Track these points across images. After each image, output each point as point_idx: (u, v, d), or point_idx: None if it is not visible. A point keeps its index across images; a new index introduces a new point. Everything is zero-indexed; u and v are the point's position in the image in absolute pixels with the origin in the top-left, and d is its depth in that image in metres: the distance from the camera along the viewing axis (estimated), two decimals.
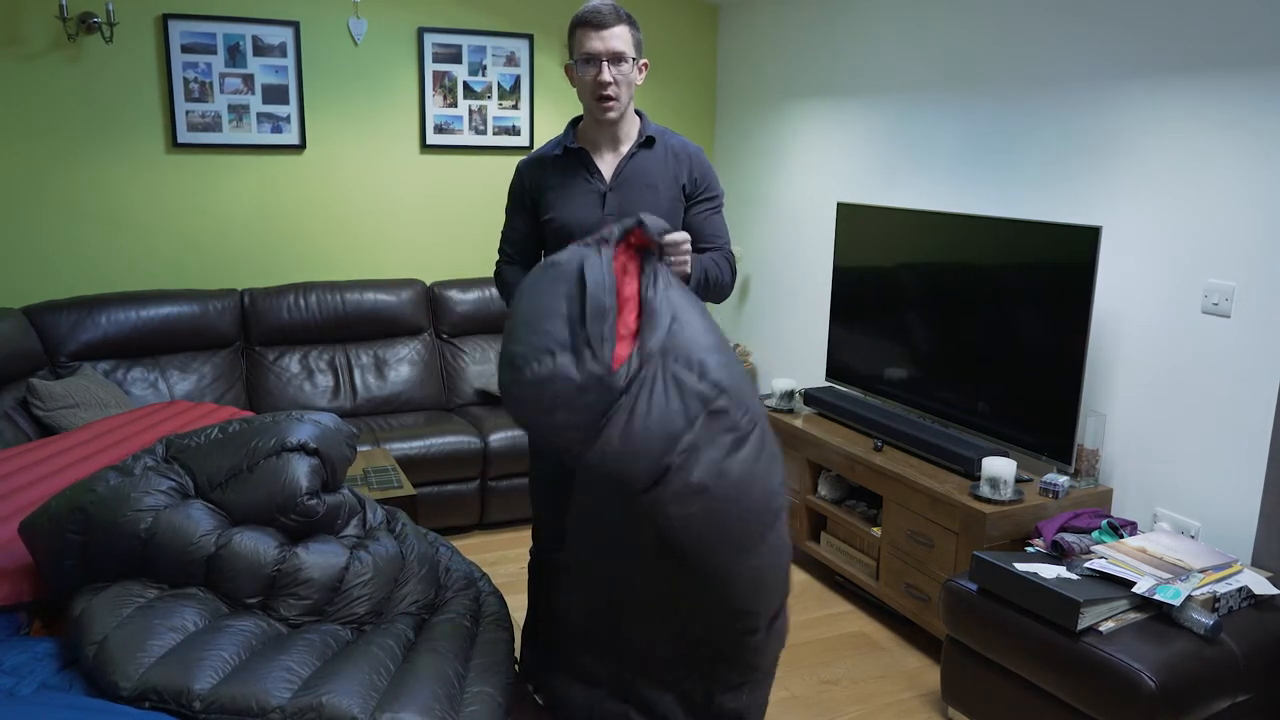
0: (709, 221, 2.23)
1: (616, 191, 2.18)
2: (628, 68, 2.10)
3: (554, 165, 2.23)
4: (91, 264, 3.94)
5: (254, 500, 2.03)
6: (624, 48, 2.08)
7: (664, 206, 2.16)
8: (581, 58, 2.09)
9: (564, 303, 1.73)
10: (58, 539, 1.93)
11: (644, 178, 2.17)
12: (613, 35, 2.06)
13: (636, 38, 2.12)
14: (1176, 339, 2.76)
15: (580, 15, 2.08)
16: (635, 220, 1.84)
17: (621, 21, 2.08)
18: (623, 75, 2.09)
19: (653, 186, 2.16)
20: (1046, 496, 2.81)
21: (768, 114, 4.58)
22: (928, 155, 3.62)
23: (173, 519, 1.95)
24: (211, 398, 3.84)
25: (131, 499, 1.95)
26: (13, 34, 3.67)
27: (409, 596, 2.12)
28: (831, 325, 3.78)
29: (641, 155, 2.19)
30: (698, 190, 2.20)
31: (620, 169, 2.19)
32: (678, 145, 2.23)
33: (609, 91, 2.09)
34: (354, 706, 1.68)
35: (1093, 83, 2.96)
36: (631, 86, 2.13)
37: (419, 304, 4.31)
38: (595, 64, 2.08)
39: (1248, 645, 2.21)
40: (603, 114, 2.13)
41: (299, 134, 4.17)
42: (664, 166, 2.18)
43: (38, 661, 1.81)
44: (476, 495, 3.84)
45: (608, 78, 2.07)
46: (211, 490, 2.06)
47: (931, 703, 2.74)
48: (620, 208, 2.15)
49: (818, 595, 3.41)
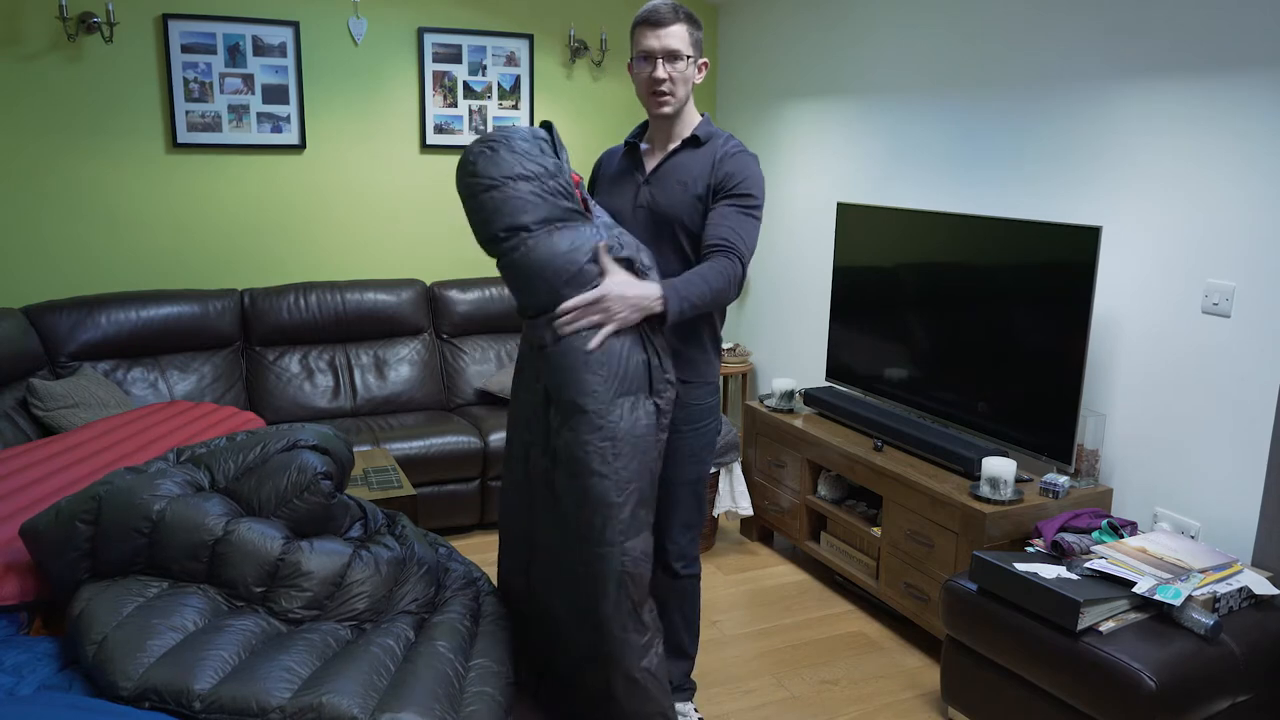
0: (718, 214, 2.14)
1: (650, 184, 2.22)
2: (684, 65, 2.14)
3: (619, 158, 2.34)
4: (92, 264, 3.94)
5: (266, 491, 2.10)
6: (680, 46, 2.12)
7: (688, 203, 2.17)
8: (639, 55, 2.16)
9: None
10: (66, 528, 1.96)
11: (679, 174, 2.19)
12: (669, 34, 2.11)
13: (695, 36, 2.15)
14: (1176, 339, 2.76)
15: (640, 14, 2.15)
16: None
17: (679, 20, 2.12)
18: (678, 73, 2.14)
19: (684, 183, 2.18)
20: (1046, 496, 2.81)
21: (768, 114, 4.58)
22: (928, 155, 3.62)
23: (185, 505, 2.01)
24: (211, 398, 3.84)
25: (148, 486, 2.02)
26: (13, 34, 3.67)
27: (409, 595, 2.13)
28: (831, 325, 3.78)
29: (685, 153, 2.21)
30: (723, 187, 2.16)
31: (660, 164, 2.23)
32: (727, 147, 2.20)
33: (663, 88, 2.14)
34: (354, 706, 1.68)
35: (1093, 83, 2.96)
36: (688, 84, 2.17)
37: (419, 304, 4.31)
38: (651, 61, 2.14)
39: (1248, 645, 2.21)
40: (657, 108, 2.18)
41: (299, 134, 4.17)
42: (702, 165, 2.18)
43: (38, 661, 1.82)
44: (476, 495, 3.84)
45: (661, 74, 2.13)
46: (225, 484, 2.15)
47: (931, 703, 2.74)
48: (651, 199, 2.20)
49: (818, 595, 3.41)
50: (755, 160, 2.20)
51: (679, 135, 2.23)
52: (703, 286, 2.06)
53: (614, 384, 1.96)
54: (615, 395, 1.96)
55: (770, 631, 3.13)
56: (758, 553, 3.77)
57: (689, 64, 2.15)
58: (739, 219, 2.13)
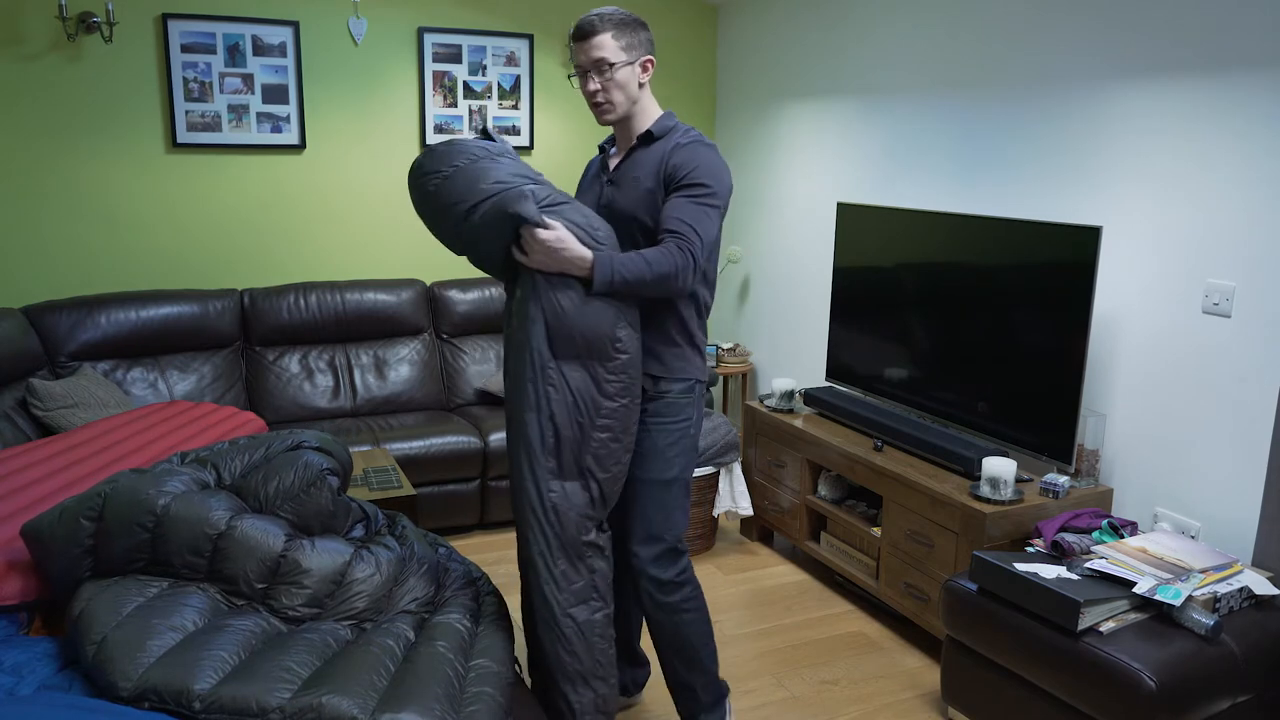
0: (670, 205, 2.11)
1: (612, 184, 2.25)
2: (617, 73, 2.13)
3: (599, 159, 2.38)
4: (91, 264, 3.94)
5: (273, 486, 2.13)
6: (605, 54, 2.12)
7: (642, 198, 2.17)
8: (575, 70, 2.21)
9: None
10: (71, 525, 1.96)
11: (634, 171, 2.21)
12: (593, 45, 2.12)
13: (628, 39, 2.13)
14: (1177, 339, 2.76)
15: (573, 28, 2.18)
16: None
17: (602, 30, 2.11)
18: (612, 82, 2.14)
19: (637, 179, 2.19)
20: (1046, 496, 2.81)
21: (767, 114, 4.58)
22: (928, 155, 3.62)
23: (189, 500, 2.02)
24: (211, 398, 3.84)
25: (154, 482, 2.04)
26: (13, 34, 3.67)
27: (409, 594, 2.14)
28: (831, 325, 3.78)
29: (640, 151, 2.22)
30: (673, 178, 2.13)
31: (619, 163, 2.26)
32: (679, 138, 2.18)
33: (598, 99, 2.17)
34: (354, 707, 1.67)
35: (1093, 83, 2.96)
36: (626, 87, 2.16)
37: (419, 304, 4.31)
38: (581, 75, 2.18)
39: (1248, 645, 2.21)
40: (599, 118, 2.22)
41: (299, 134, 4.17)
42: (654, 160, 2.18)
43: (38, 661, 1.81)
44: (476, 495, 3.84)
45: (593, 86, 2.16)
46: (232, 480, 2.18)
47: (931, 703, 2.74)
48: (611, 199, 2.23)
49: (818, 595, 3.41)
50: (710, 149, 2.16)
51: (636, 133, 2.24)
52: (640, 264, 2.04)
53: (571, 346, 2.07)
54: (569, 356, 2.07)
55: (770, 631, 3.13)
56: (758, 553, 3.77)
57: (623, 68, 2.13)
58: (689, 208, 2.09)
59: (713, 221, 2.11)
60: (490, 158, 2.07)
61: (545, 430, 2.09)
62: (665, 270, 2.05)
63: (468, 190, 2.03)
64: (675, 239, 2.06)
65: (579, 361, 2.08)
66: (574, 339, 2.06)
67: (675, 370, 2.22)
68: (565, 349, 2.07)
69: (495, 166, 2.06)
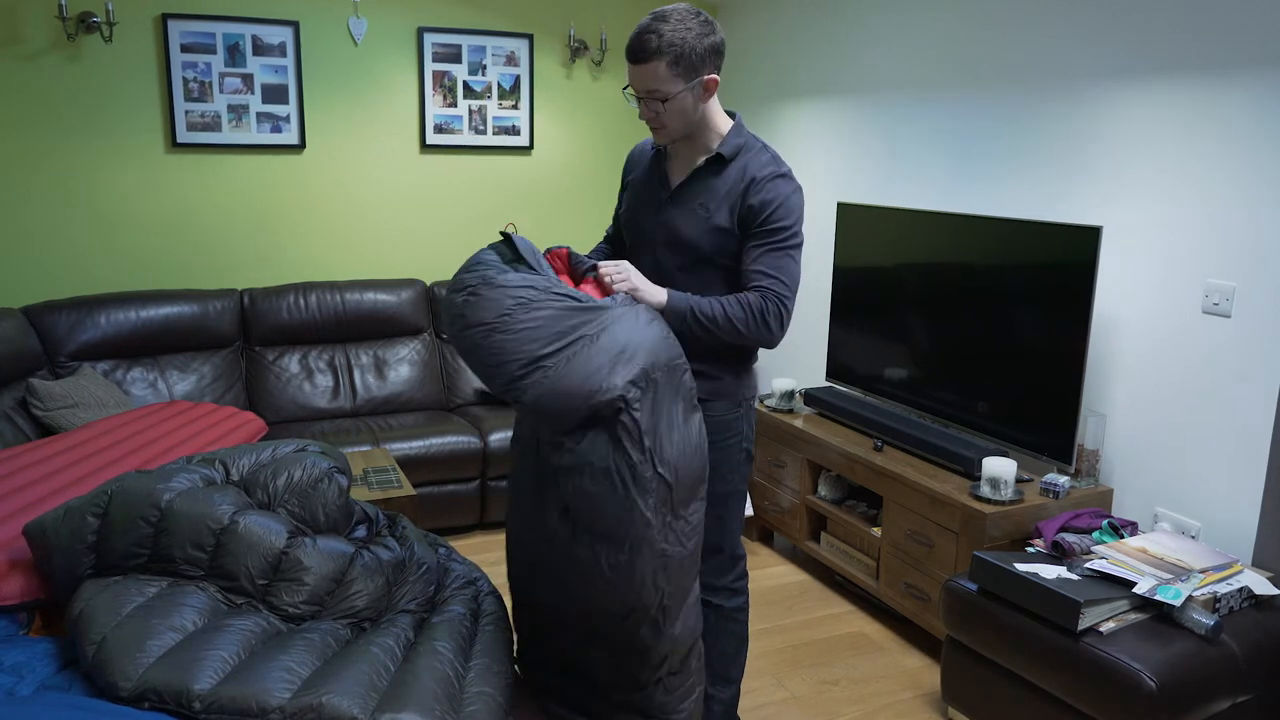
0: (750, 255, 2.01)
1: (672, 203, 2.10)
2: (672, 102, 1.96)
3: (648, 158, 2.20)
4: (91, 264, 3.94)
5: (282, 481, 2.15)
6: (658, 85, 1.93)
7: (707, 232, 2.04)
8: (629, 84, 2.01)
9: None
10: (76, 521, 1.97)
11: (698, 198, 2.05)
12: (644, 73, 1.94)
13: (683, 67, 1.93)
14: (1176, 339, 2.76)
15: (628, 40, 1.98)
16: (555, 246, 2.05)
17: (655, 57, 1.91)
18: (665, 109, 1.97)
19: (705, 207, 2.04)
20: (1047, 496, 2.81)
21: (767, 114, 4.58)
22: (928, 155, 3.62)
23: (194, 496, 2.03)
24: (211, 398, 3.84)
25: (161, 478, 2.06)
26: (12, 34, 3.67)
27: (409, 594, 2.14)
28: (831, 325, 3.78)
29: (708, 173, 2.06)
30: (754, 221, 2.00)
31: (683, 182, 2.09)
32: (753, 168, 2.03)
33: (653, 124, 2.02)
34: (354, 707, 1.67)
35: (1094, 82, 2.96)
36: (683, 114, 1.99)
37: (419, 304, 4.31)
38: (635, 97, 2.01)
39: (1248, 645, 2.21)
40: (656, 140, 2.09)
41: (298, 134, 4.16)
42: (726, 190, 2.03)
43: (38, 661, 1.82)
44: (476, 495, 3.84)
45: (647, 113, 2.00)
46: (240, 476, 2.20)
47: (931, 703, 2.74)
48: (671, 221, 2.09)
49: (818, 595, 3.41)
50: (786, 180, 2.02)
51: (705, 148, 2.07)
52: (716, 307, 1.99)
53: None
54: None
55: (770, 631, 3.13)
56: (758, 553, 3.77)
57: (677, 98, 1.95)
58: (773, 258, 2.00)
59: (795, 266, 2.04)
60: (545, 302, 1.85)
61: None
62: (744, 316, 2.00)
63: (523, 345, 1.84)
64: (758, 291, 1.99)
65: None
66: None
67: (724, 393, 2.15)
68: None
69: (555, 316, 1.83)
